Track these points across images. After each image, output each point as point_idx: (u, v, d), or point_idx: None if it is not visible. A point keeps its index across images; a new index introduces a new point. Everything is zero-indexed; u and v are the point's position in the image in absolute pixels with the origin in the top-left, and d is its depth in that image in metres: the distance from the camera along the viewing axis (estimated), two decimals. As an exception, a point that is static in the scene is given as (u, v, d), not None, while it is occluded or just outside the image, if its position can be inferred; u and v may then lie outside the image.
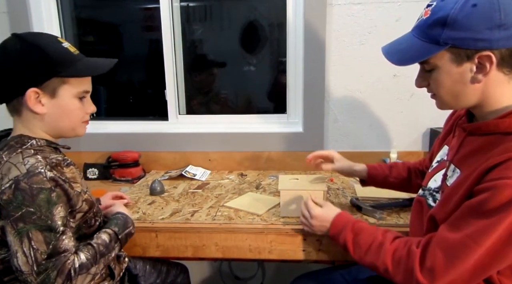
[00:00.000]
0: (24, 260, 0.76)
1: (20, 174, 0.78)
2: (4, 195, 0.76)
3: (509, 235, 0.66)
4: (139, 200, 1.40)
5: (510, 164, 0.67)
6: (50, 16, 1.86)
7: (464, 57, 0.72)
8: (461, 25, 0.70)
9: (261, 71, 2.12)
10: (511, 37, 0.69)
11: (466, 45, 0.71)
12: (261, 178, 1.65)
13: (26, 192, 0.77)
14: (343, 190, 1.47)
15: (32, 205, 0.77)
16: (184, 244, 1.18)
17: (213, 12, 2.07)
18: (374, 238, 0.86)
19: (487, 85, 0.74)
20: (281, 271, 1.97)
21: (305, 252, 1.15)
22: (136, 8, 2.10)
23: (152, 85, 2.18)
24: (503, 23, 0.68)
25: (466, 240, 0.69)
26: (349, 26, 1.63)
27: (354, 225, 0.92)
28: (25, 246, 0.77)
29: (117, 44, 2.18)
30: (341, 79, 1.69)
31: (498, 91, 0.74)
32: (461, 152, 0.82)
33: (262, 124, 1.85)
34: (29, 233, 0.77)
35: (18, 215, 0.76)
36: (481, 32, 0.69)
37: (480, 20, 0.69)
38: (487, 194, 0.68)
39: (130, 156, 1.72)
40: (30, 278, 0.77)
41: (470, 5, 0.69)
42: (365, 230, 0.90)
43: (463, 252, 0.69)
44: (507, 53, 0.70)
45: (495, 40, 0.69)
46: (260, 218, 1.21)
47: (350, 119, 1.72)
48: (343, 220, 0.96)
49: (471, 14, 0.69)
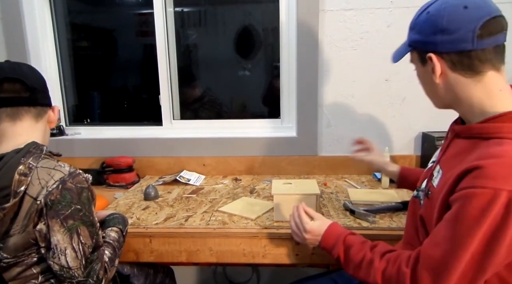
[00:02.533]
0: (73, 256, 0.82)
1: (65, 175, 0.84)
2: (52, 195, 0.81)
3: (485, 245, 0.67)
4: (133, 205, 1.40)
5: (478, 173, 0.68)
6: (44, 21, 1.86)
7: (424, 58, 0.81)
8: (418, 29, 0.81)
9: (256, 76, 2.13)
10: (454, 41, 0.75)
11: (420, 47, 0.81)
12: (255, 183, 1.66)
13: (73, 191, 0.84)
14: (337, 194, 1.48)
15: (79, 203, 0.85)
16: (178, 249, 1.18)
17: (208, 17, 2.08)
18: (364, 253, 0.86)
19: (451, 86, 0.80)
20: (276, 275, 1.98)
21: (299, 256, 1.16)
22: (130, 13, 2.11)
23: (146, 90, 2.19)
24: (445, 28, 0.75)
25: (446, 256, 0.70)
26: (342, 31, 1.65)
27: (345, 239, 0.92)
28: (74, 242, 0.83)
29: (111, 49, 2.18)
30: (334, 84, 1.70)
31: (463, 91, 0.78)
32: (447, 153, 0.86)
33: (256, 129, 1.86)
34: (78, 229, 0.84)
35: (68, 213, 0.82)
36: (428, 35, 0.78)
37: (428, 25, 0.78)
38: (458, 205, 0.69)
39: (124, 162, 1.72)
40: (78, 272, 0.83)
41: (426, 12, 0.79)
42: (356, 244, 0.89)
43: (446, 269, 0.70)
44: (456, 58, 0.76)
45: (439, 43, 0.76)
46: (254, 223, 1.21)
47: (343, 124, 1.74)
48: (334, 234, 0.95)
49: (424, 20, 0.79)
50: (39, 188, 0.81)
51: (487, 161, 0.68)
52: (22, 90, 0.89)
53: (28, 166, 0.82)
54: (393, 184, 1.42)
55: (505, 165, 0.66)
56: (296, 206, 1.05)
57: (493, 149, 0.70)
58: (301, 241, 1.03)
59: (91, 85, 2.17)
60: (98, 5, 2.12)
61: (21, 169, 0.80)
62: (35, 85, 0.91)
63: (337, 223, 0.99)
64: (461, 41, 0.74)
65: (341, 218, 1.23)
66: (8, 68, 0.88)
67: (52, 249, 0.82)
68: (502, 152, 0.68)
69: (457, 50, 0.75)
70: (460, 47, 0.75)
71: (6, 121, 0.89)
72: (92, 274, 0.85)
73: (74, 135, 1.93)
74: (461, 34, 0.74)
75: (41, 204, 0.80)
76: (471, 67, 0.76)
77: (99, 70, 2.18)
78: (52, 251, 0.82)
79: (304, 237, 1.00)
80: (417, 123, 1.70)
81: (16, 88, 0.88)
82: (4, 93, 0.87)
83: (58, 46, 1.95)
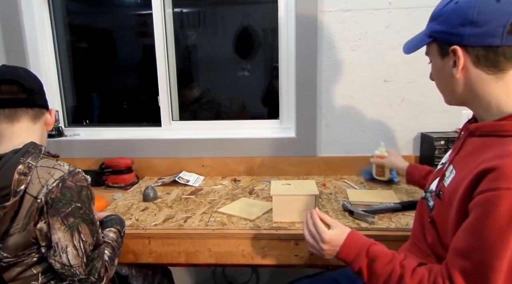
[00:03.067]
0: (74, 253, 0.83)
1: (64, 173, 0.85)
2: (52, 193, 0.82)
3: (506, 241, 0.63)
4: (132, 207, 1.40)
5: (497, 174, 0.65)
6: (43, 22, 1.86)
7: (446, 50, 0.77)
8: (442, 19, 0.77)
9: (255, 76, 2.13)
10: (482, 35, 0.72)
11: (443, 38, 0.77)
12: (254, 184, 1.66)
13: (73, 189, 0.85)
14: (335, 194, 1.48)
15: (79, 201, 0.85)
16: (177, 250, 1.18)
17: (207, 17, 2.08)
18: (392, 268, 0.78)
19: (471, 82, 0.77)
20: (275, 276, 1.98)
21: (298, 257, 1.16)
22: (129, 14, 2.11)
23: (145, 91, 2.19)
24: (475, 20, 0.71)
25: (481, 268, 0.66)
26: (340, 32, 1.65)
27: (368, 251, 0.83)
28: (75, 240, 0.84)
29: (111, 50, 2.18)
30: (333, 85, 1.70)
31: (486, 88, 0.76)
32: (460, 153, 0.83)
33: (255, 130, 1.86)
34: (78, 227, 0.85)
35: (68, 211, 0.83)
36: (455, 27, 0.74)
37: (456, 16, 0.74)
38: (482, 211, 0.66)
39: (123, 163, 1.72)
40: (80, 270, 0.83)
41: (454, 2, 0.75)
42: (381, 257, 0.81)
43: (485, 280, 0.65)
44: (482, 53, 0.73)
45: (466, 36, 0.73)
46: (253, 224, 1.21)
47: (342, 124, 1.74)
48: (355, 245, 0.86)
49: (451, 10, 0.75)
50: (39, 187, 0.82)
51: (505, 160, 0.65)
52: (19, 92, 0.89)
53: (28, 165, 0.82)
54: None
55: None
56: (310, 212, 0.94)
57: (510, 147, 0.68)
58: (318, 252, 0.91)
59: (90, 86, 2.17)
60: (97, 6, 2.12)
61: (21, 168, 0.81)
62: (32, 86, 0.92)
63: (356, 231, 0.89)
64: (490, 35, 0.71)
65: (340, 219, 1.23)
66: (4, 71, 0.89)
67: (53, 248, 0.82)
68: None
69: (484, 44, 0.72)
70: (488, 41, 0.72)
71: (4, 122, 0.89)
72: (93, 272, 0.86)
73: (73, 136, 1.92)
74: (491, 28, 0.71)
75: (41, 202, 0.81)
76: (495, 64, 0.73)
77: (98, 71, 2.18)
78: (53, 250, 0.82)
79: (322, 248, 0.88)
80: (416, 124, 1.71)
81: (14, 90, 0.89)
82: (2, 94, 0.88)
83: (57, 47, 1.95)
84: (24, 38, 1.77)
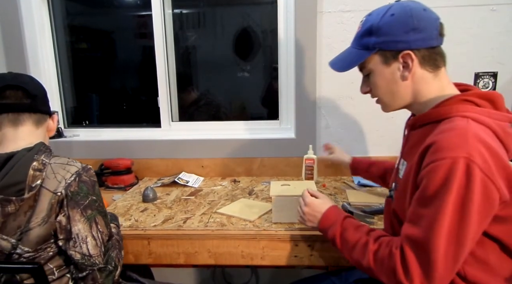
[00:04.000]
0: (93, 243, 0.88)
1: (79, 169, 0.90)
2: (71, 187, 0.86)
3: (457, 214, 0.69)
4: (132, 207, 1.40)
5: (434, 147, 0.73)
6: (42, 23, 1.86)
7: (390, 57, 0.85)
8: (383, 31, 0.84)
9: (255, 77, 2.13)
10: (424, 39, 0.82)
11: (390, 47, 0.84)
12: (254, 184, 1.66)
13: (88, 183, 0.90)
14: (335, 195, 1.48)
15: (94, 194, 0.91)
16: (177, 251, 1.18)
17: (207, 19, 2.08)
18: (360, 235, 0.89)
19: (416, 82, 0.86)
20: (275, 277, 1.97)
21: (297, 258, 1.16)
22: (129, 15, 2.12)
23: (145, 92, 2.19)
24: (416, 27, 0.81)
25: (425, 235, 0.72)
26: (339, 33, 1.65)
27: (343, 221, 0.95)
28: (93, 230, 0.89)
29: (110, 51, 2.19)
30: (332, 86, 1.71)
31: (426, 87, 0.86)
32: (407, 146, 0.92)
33: (254, 130, 1.86)
34: (95, 218, 0.90)
35: (86, 203, 0.88)
36: (400, 35, 0.83)
37: (397, 26, 0.83)
38: (424, 182, 0.74)
39: (122, 163, 1.72)
40: (98, 259, 0.89)
41: (389, 15, 0.84)
42: (353, 227, 0.92)
43: (429, 247, 0.71)
44: (427, 53, 0.83)
45: (412, 41, 0.82)
46: (252, 224, 1.21)
47: (341, 125, 1.74)
48: (333, 215, 0.98)
49: (390, 22, 0.83)
50: (56, 182, 0.86)
51: (440, 135, 0.74)
52: (24, 97, 0.92)
53: (42, 162, 0.86)
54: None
55: (458, 136, 0.72)
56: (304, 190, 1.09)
57: (445, 126, 0.77)
58: (301, 219, 1.05)
59: (90, 87, 2.17)
60: (96, 7, 2.13)
61: (35, 165, 0.84)
62: (36, 92, 0.94)
63: (337, 206, 1.02)
64: (430, 38, 0.82)
65: (340, 220, 1.23)
66: (10, 77, 0.92)
67: (73, 239, 0.86)
68: (453, 126, 0.75)
69: (427, 46, 0.83)
70: (429, 43, 0.83)
71: (8, 126, 0.91)
72: (110, 260, 0.92)
73: (73, 137, 1.92)
74: (429, 32, 0.82)
75: (62, 195, 0.85)
76: (435, 63, 0.84)
77: (97, 72, 2.18)
78: (73, 241, 0.86)
79: (304, 211, 1.04)
80: (415, 124, 1.71)
81: (18, 95, 0.91)
82: (7, 99, 0.90)
83: (56, 48, 1.95)
84: (24, 39, 1.77)
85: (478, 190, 0.69)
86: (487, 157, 0.70)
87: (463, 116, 0.77)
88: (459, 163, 0.69)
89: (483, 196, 0.69)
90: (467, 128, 0.73)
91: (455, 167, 0.69)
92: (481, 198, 0.69)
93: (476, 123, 0.75)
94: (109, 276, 0.91)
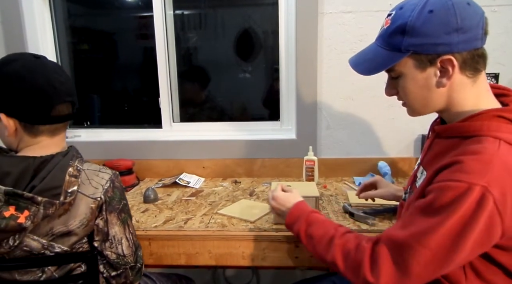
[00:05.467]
0: (127, 244, 0.94)
1: (111, 175, 0.94)
2: (108, 192, 0.91)
3: (452, 237, 0.66)
4: (133, 208, 1.40)
5: (455, 167, 0.68)
6: (44, 25, 1.87)
7: (426, 62, 0.74)
8: (420, 31, 0.72)
9: (256, 78, 2.13)
10: (469, 40, 0.71)
11: (427, 50, 0.73)
12: (255, 185, 1.66)
13: (119, 189, 0.95)
14: (336, 196, 1.47)
15: (125, 199, 0.97)
16: (177, 251, 1.18)
17: (208, 20, 2.09)
18: (326, 230, 0.86)
19: (452, 89, 0.75)
20: (276, 279, 1.97)
21: (298, 259, 1.16)
22: (130, 16, 2.12)
23: (146, 93, 2.19)
24: (460, 27, 0.70)
25: (410, 240, 0.69)
26: (340, 34, 1.65)
27: (308, 216, 0.92)
28: (127, 232, 0.95)
29: (112, 52, 2.19)
30: (333, 87, 1.71)
31: (462, 94, 0.76)
32: (429, 154, 0.84)
33: (255, 131, 1.86)
34: (128, 221, 0.96)
35: (121, 207, 0.94)
36: (440, 37, 0.71)
37: (437, 26, 0.70)
38: (433, 195, 0.69)
39: (123, 164, 1.72)
40: (130, 259, 0.95)
41: (427, 12, 0.71)
42: (318, 222, 0.90)
43: (407, 252, 0.69)
44: (469, 56, 0.72)
45: (455, 43, 0.70)
46: (253, 225, 1.21)
47: (343, 126, 1.74)
48: (299, 210, 0.96)
49: (428, 20, 0.71)
50: (92, 188, 0.89)
51: (465, 157, 0.68)
52: (72, 108, 0.93)
53: (77, 168, 0.88)
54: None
55: (482, 161, 0.66)
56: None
57: (472, 146, 0.70)
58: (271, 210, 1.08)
59: (91, 88, 2.17)
60: (98, 8, 2.13)
61: (71, 171, 0.86)
62: (77, 103, 0.95)
63: (305, 202, 1.00)
64: (475, 39, 0.71)
65: (341, 221, 1.23)
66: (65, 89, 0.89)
67: (109, 240, 0.92)
68: (480, 149, 0.68)
69: (471, 48, 0.71)
70: (473, 45, 0.71)
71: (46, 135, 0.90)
72: (138, 259, 0.98)
73: (74, 137, 1.93)
74: (475, 32, 0.71)
75: (101, 201, 0.89)
76: (476, 66, 0.73)
77: (99, 73, 2.18)
78: (109, 242, 0.92)
79: (271, 204, 1.05)
80: (416, 126, 1.70)
81: (69, 109, 0.92)
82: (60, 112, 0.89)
83: (58, 49, 1.95)
84: (26, 40, 1.78)
85: (483, 221, 0.64)
86: (508, 190, 0.64)
87: (495, 137, 0.70)
88: (475, 190, 0.64)
89: (485, 227, 0.65)
90: (495, 153, 0.67)
91: (469, 193, 0.64)
92: (483, 229, 0.65)
93: (509, 147, 0.68)
94: (138, 273, 0.98)
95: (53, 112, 0.88)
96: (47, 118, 0.87)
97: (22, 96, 0.84)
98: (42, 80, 0.85)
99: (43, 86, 0.85)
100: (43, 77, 0.85)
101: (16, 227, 0.78)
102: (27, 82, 0.83)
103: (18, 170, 0.81)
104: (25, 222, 0.78)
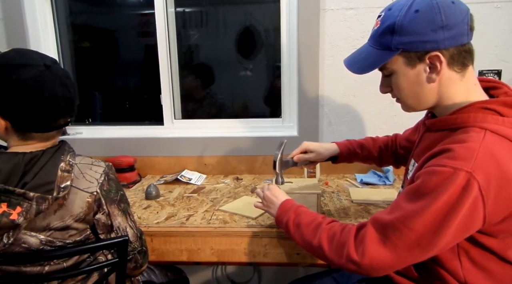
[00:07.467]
0: (132, 232, 0.97)
1: (104, 168, 0.94)
2: (104, 186, 0.91)
3: (436, 221, 0.68)
4: (135, 205, 1.40)
5: (443, 155, 0.71)
6: (46, 22, 1.87)
7: (415, 59, 0.77)
8: (407, 30, 0.75)
9: (258, 76, 2.13)
10: (455, 37, 0.74)
11: (415, 48, 0.76)
12: (257, 182, 1.66)
13: (114, 180, 0.96)
14: (338, 193, 1.47)
15: (121, 189, 0.98)
16: (179, 248, 1.19)
17: (209, 17, 2.09)
18: (314, 218, 0.90)
19: (442, 84, 0.79)
20: (277, 275, 1.97)
21: (300, 256, 1.16)
22: (132, 13, 2.12)
23: (147, 90, 2.19)
24: (445, 24, 0.73)
25: (397, 222, 0.72)
26: (342, 30, 1.65)
27: (297, 208, 0.96)
28: (129, 221, 0.97)
29: (113, 49, 2.19)
30: (335, 83, 1.70)
31: (452, 88, 0.79)
32: (419, 146, 0.88)
33: (257, 128, 1.86)
34: (128, 210, 0.98)
35: (119, 198, 0.95)
36: (427, 34, 0.74)
37: (424, 24, 0.74)
38: (420, 180, 0.72)
39: (125, 161, 1.72)
40: (137, 244, 0.98)
41: (413, 11, 0.75)
42: (307, 212, 0.94)
43: (394, 234, 0.72)
44: (456, 52, 0.75)
45: (441, 40, 0.74)
46: (255, 222, 1.21)
47: (344, 123, 1.74)
48: (290, 203, 1.00)
49: (415, 19, 0.75)
50: (86, 182, 0.89)
51: (452, 145, 0.71)
52: (68, 120, 0.92)
53: (69, 163, 0.87)
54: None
55: (468, 149, 0.69)
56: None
57: (460, 136, 0.73)
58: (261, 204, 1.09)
59: (93, 85, 2.18)
60: (99, 6, 2.13)
61: (63, 166, 0.85)
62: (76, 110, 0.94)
63: (292, 199, 1.04)
64: (461, 35, 0.75)
65: (342, 218, 1.22)
66: (69, 107, 0.88)
67: (115, 231, 0.94)
68: (466, 138, 0.71)
69: (457, 44, 0.75)
70: (460, 41, 0.75)
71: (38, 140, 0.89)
72: (143, 243, 1.02)
73: (76, 134, 1.93)
74: (459, 28, 0.74)
75: (98, 195, 0.89)
76: (463, 62, 0.77)
77: (100, 70, 2.19)
78: (115, 233, 0.94)
79: (264, 195, 1.08)
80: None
81: (66, 120, 0.91)
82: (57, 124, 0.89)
83: (59, 46, 1.96)
84: (27, 38, 1.78)
85: (467, 205, 0.66)
86: (492, 177, 0.66)
87: (480, 127, 0.72)
88: (460, 175, 0.66)
89: (469, 212, 0.67)
90: (480, 142, 0.69)
91: (454, 177, 0.67)
92: (466, 214, 0.67)
93: (494, 137, 0.70)
94: (145, 256, 1.03)
95: (51, 125, 0.87)
96: (42, 129, 0.86)
97: (23, 106, 0.82)
98: (47, 94, 0.82)
99: (48, 103, 0.83)
100: (50, 91, 0.82)
101: (9, 224, 0.77)
102: (33, 95, 0.81)
103: (9, 166, 0.79)
104: (17, 219, 0.77)
